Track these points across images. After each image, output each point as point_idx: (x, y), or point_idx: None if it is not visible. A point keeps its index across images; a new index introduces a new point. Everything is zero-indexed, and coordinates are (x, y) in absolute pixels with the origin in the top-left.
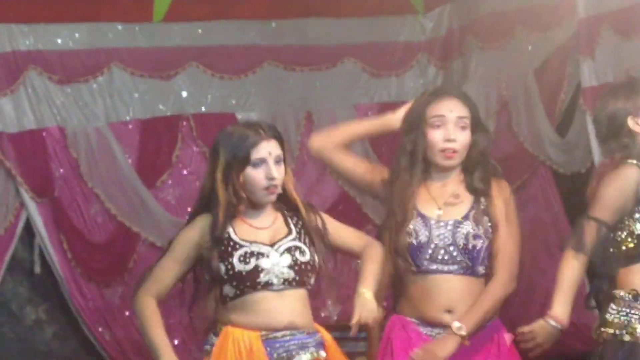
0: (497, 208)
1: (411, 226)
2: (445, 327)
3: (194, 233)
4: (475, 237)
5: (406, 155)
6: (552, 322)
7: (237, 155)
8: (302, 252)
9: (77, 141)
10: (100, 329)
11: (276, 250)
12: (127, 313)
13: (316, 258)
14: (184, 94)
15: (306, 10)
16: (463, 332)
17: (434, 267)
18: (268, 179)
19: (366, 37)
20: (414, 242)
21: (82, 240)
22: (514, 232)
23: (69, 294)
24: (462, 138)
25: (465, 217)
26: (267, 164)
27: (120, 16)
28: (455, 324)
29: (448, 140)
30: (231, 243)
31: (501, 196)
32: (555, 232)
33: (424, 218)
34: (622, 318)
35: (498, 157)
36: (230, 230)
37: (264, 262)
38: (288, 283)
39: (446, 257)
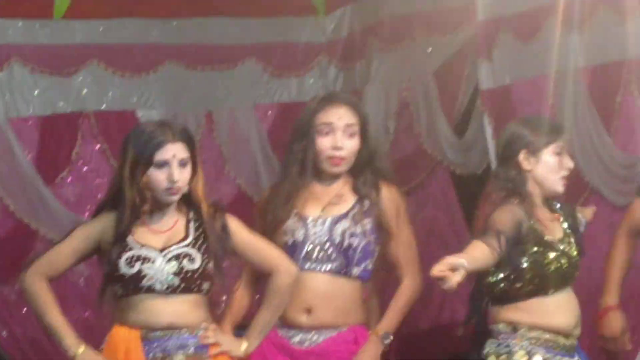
0: (388, 213)
1: (288, 226)
2: (302, 329)
3: (96, 228)
4: (352, 235)
5: (296, 162)
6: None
7: (142, 155)
8: (191, 260)
9: None
10: None
11: (164, 257)
12: (24, 310)
13: (210, 265)
14: (85, 91)
15: (208, 9)
16: (388, 341)
17: (307, 265)
18: (169, 181)
19: (267, 37)
20: (290, 241)
21: None
22: (409, 235)
23: None
24: (349, 145)
25: (344, 216)
26: (170, 166)
27: (20, 12)
28: (385, 338)
29: (336, 148)
30: (124, 244)
31: (391, 201)
32: (452, 232)
33: (302, 217)
34: (503, 350)
35: (398, 158)
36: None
37: (147, 268)
38: (172, 290)
39: (321, 255)
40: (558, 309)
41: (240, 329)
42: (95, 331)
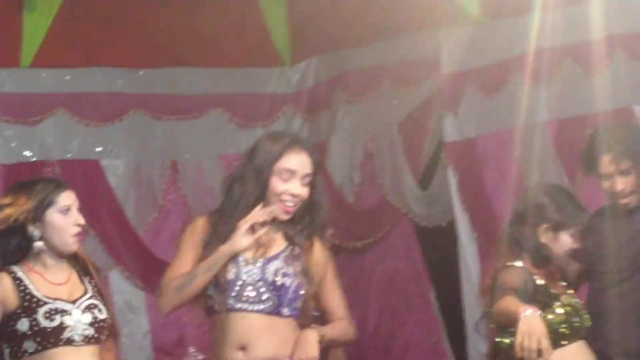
0: (318, 264)
1: (226, 266)
2: None
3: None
4: (285, 274)
5: (246, 202)
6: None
7: (42, 201)
8: (99, 310)
9: None
10: None
11: (78, 308)
12: None
13: (108, 317)
14: (50, 140)
15: (175, 59)
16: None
17: (239, 305)
18: (75, 225)
19: (233, 88)
20: (221, 279)
21: None
22: (339, 286)
23: None
24: (303, 194)
25: (276, 257)
26: (70, 211)
27: None
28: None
29: (292, 195)
30: (34, 299)
31: (322, 253)
32: (415, 284)
33: (233, 257)
34: None
35: (362, 209)
36: (31, 285)
37: (67, 320)
38: (87, 340)
39: (252, 295)
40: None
41: None
42: None
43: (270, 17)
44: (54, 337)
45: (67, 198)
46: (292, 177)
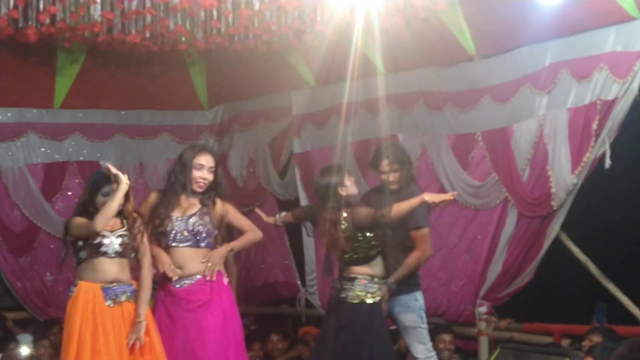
0: (218, 213)
1: (164, 221)
2: (179, 277)
3: (79, 221)
4: (199, 224)
5: (178, 183)
6: None
7: (95, 186)
8: (128, 237)
9: (7, 175)
10: (15, 281)
11: (112, 234)
12: (32, 272)
13: (135, 244)
14: (71, 149)
15: (142, 105)
16: (231, 248)
17: (174, 244)
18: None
19: (175, 122)
20: (163, 229)
21: (8, 230)
22: (241, 215)
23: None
24: (210, 178)
25: (193, 214)
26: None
27: (34, 104)
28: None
29: (203, 179)
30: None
31: (220, 207)
32: (276, 232)
33: (171, 217)
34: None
35: (246, 190)
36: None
37: (105, 240)
38: (117, 254)
39: (180, 237)
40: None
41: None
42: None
43: (197, 82)
44: (96, 248)
45: (109, 187)
46: (202, 168)
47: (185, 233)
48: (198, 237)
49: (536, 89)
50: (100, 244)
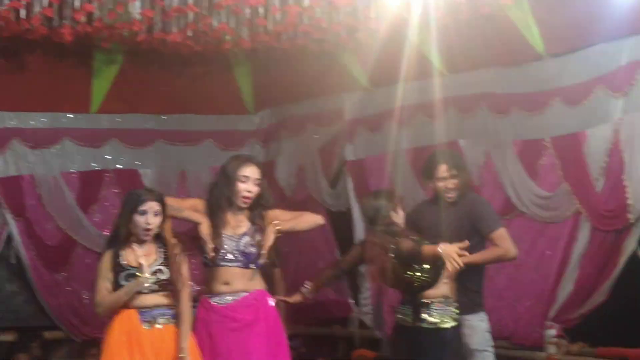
0: (270, 231)
1: (217, 241)
2: (222, 294)
3: (106, 263)
4: (251, 245)
5: (223, 198)
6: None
7: (131, 206)
8: (162, 272)
9: (41, 184)
10: (50, 298)
11: (148, 268)
12: (68, 289)
13: (170, 275)
14: (108, 157)
15: (183, 109)
16: (279, 227)
17: (223, 264)
18: (146, 223)
19: (219, 127)
20: (212, 251)
21: (42, 243)
22: (289, 214)
23: (32, 275)
24: (255, 190)
25: (245, 234)
26: (147, 214)
27: (70, 108)
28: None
29: (248, 192)
30: (119, 268)
31: (274, 216)
32: (326, 246)
33: (222, 236)
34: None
35: (295, 200)
36: (122, 254)
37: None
38: (153, 291)
39: (230, 258)
40: None
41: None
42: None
43: (242, 85)
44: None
45: (144, 205)
46: (247, 180)
47: (237, 254)
48: (249, 258)
49: (611, 90)
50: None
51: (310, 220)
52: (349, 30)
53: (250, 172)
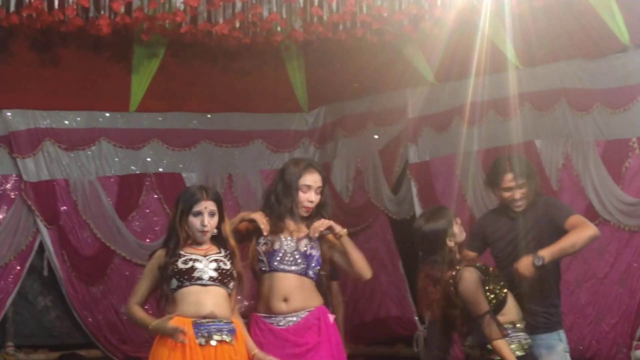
0: (328, 243)
1: (274, 239)
2: (281, 314)
3: (154, 265)
4: (312, 247)
5: (283, 207)
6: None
7: (185, 207)
8: (224, 263)
9: (77, 189)
10: (86, 314)
11: (206, 258)
12: (104, 303)
13: (234, 270)
14: (148, 159)
15: (230, 107)
16: (344, 232)
17: (281, 267)
18: (202, 225)
19: (269, 126)
20: (270, 249)
21: (77, 254)
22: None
23: (66, 289)
24: (317, 200)
25: (304, 237)
26: (202, 215)
27: (107, 107)
28: (338, 230)
29: (310, 202)
30: (179, 253)
31: (328, 239)
32: (389, 256)
33: (276, 235)
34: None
35: (354, 207)
36: (180, 252)
37: (197, 264)
38: (213, 280)
39: (289, 259)
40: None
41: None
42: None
43: (295, 80)
44: (187, 274)
45: (199, 205)
46: (309, 190)
47: (297, 255)
48: (309, 262)
49: None
50: (192, 269)
51: (363, 264)
52: (413, 19)
53: (313, 180)
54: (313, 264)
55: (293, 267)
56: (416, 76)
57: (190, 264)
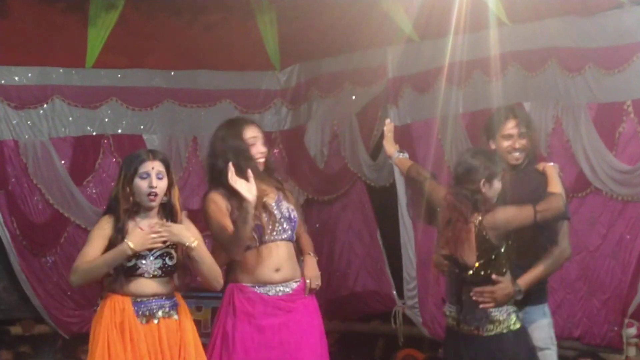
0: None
1: (261, 211)
2: (272, 283)
3: (104, 231)
4: (292, 209)
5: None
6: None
7: (129, 169)
8: (170, 257)
9: (27, 150)
10: (37, 287)
11: (151, 253)
12: (56, 276)
13: (180, 262)
14: (106, 119)
15: (196, 64)
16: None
17: (273, 238)
18: (149, 186)
19: (238, 85)
20: (260, 222)
21: (27, 221)
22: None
23: (16, 260)
24: (266, 150)
25: (280, 199)
26: (150, 177)
27: (61, 62)
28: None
29: (261, 153)
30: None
31: (291, 191)
32: (365, 227)
33: (259, 204)
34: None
35: (329, 173)
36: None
37: (141, 261)
38: (157, 276)
39: (279, 228)
40: None
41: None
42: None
43: (266, 35)
44: (130, 272)
45: (145, 166)
46: (256, 141)
47: (283, 222)
48: (294, 225)
49: None
50: (135, 267)
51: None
52: None
53: (253, 132)
54: (294, 224)
55: (283, 235)
56: (397, 33)
57: (134, 261)
